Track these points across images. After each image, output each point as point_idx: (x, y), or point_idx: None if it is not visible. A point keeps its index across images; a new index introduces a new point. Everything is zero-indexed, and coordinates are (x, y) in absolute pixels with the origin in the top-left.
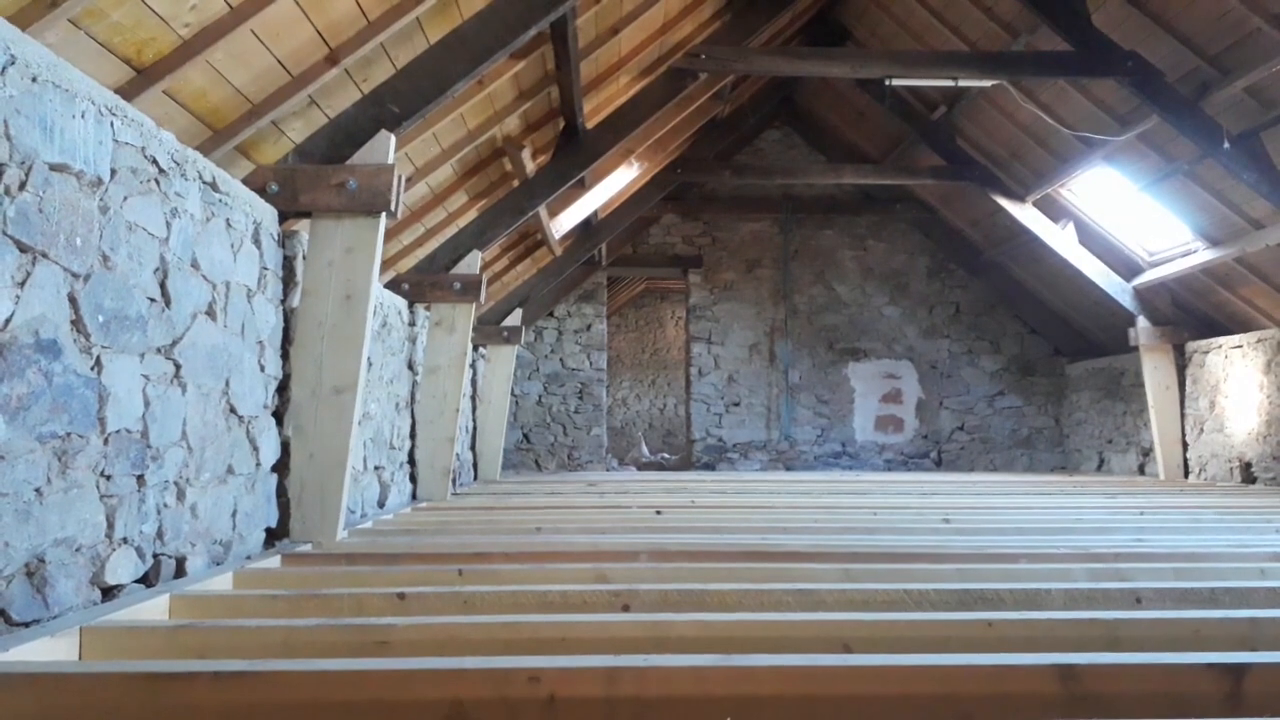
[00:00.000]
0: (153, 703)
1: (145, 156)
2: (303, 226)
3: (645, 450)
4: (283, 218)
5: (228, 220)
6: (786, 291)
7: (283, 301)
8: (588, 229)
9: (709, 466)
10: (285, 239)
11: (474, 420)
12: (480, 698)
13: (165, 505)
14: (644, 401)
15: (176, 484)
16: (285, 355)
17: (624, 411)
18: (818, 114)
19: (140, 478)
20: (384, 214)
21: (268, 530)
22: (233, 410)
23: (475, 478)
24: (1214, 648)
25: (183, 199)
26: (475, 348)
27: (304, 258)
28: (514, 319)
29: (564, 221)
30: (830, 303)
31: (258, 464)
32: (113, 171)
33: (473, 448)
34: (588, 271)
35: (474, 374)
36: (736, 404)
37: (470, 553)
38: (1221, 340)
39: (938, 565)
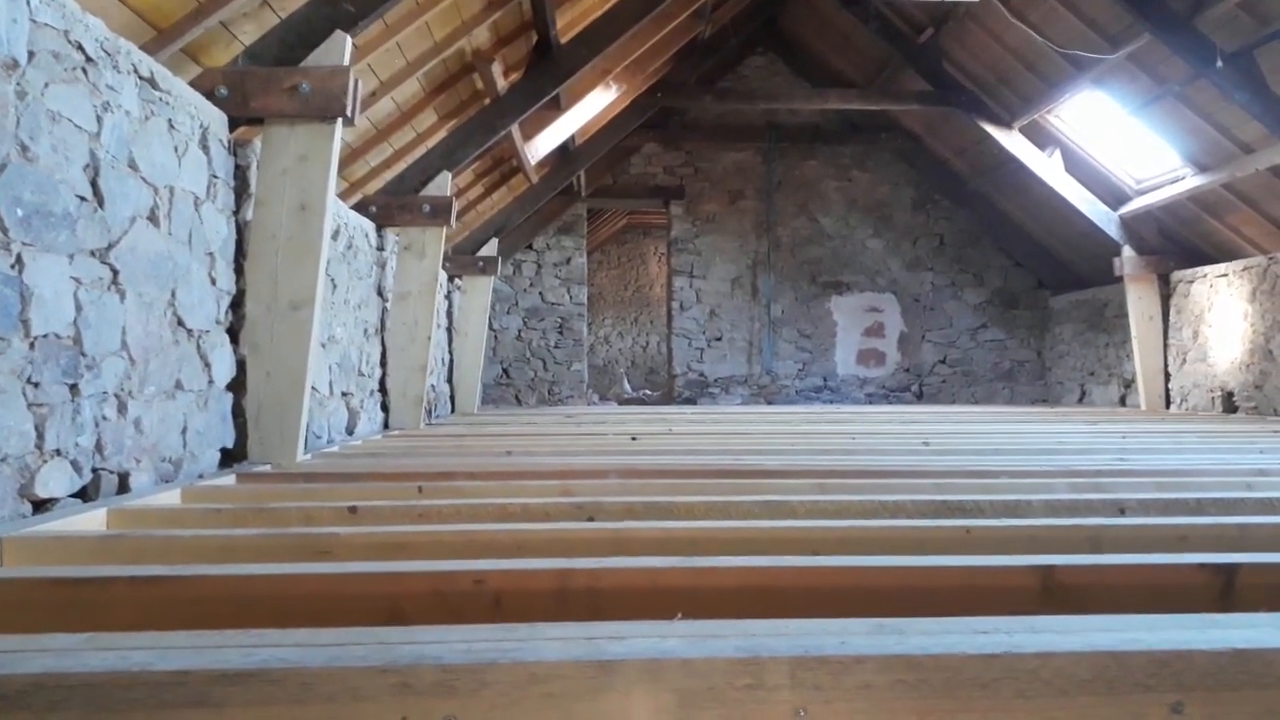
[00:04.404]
0: (68, 606)
1: (69, 41)
2: (259, 138)
3: (627, 387)
4: (233, 124)
5: (170, 121)
6: (769, 223)
7: (235, 213)
8: (565, 155)
9: (690, 401)
10: (237, 148)
11: (450, 353)
12: (422, 599)
13: (104, 418)
14: (626, 339)
15: (117, 396)
16: (239, 270)
17: (606, 349)
18: (803, 40)
19: (74, 387)
20: (340, 120)
21: (224, 451)
22: (180, 323)
23: (453, 410)
24: (1202, 550)
25: (115, 93)
26: (451, 278)
27: (258, 167)
28: (490, 249)
29: (540, 145)
30: (813, 235)
31: (210, 381)
32: (30, 54)
33: (450, 380)
34: (567, 203)
35: (450, 305)
36: (718, 338)
37: (434, 472)
38: (1207, 269)
39: (916, 480)
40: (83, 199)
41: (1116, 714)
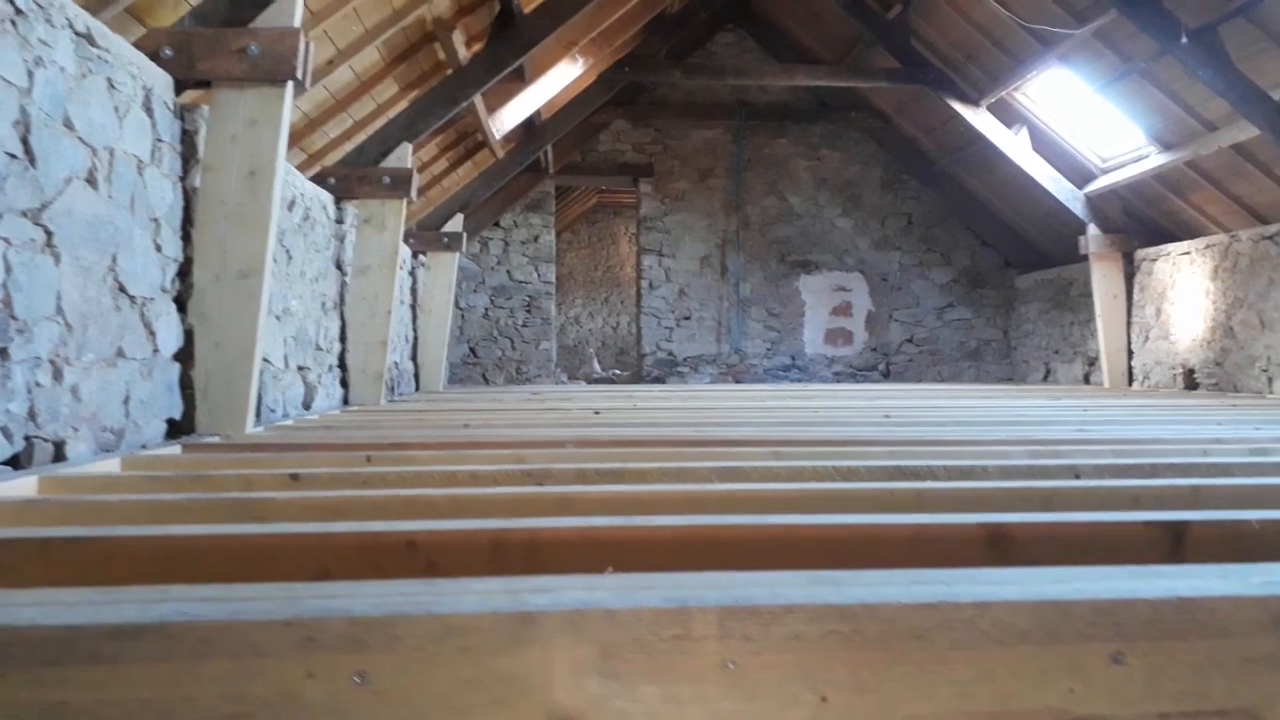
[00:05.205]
0: None
1: None
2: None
3: (597, 367)
4: (180, 87)
5: (110, 80)
6: (739, 202)
7: (182, 179)
8: (531, 129)
9: (659, 380)
10: (185, 112)
11: (415, 330)
12: (350, 559)
13: (38, 384)
14: (596, 319)
15: (52, 362)
16: (187, 238)
17: (576, 330)
18: (772, 16)
19: (3, 351)
20: (290, 83)
21: (171, 422)
22: (122, 289)
23: (417, 388)
24: (1155, 510)
25: (49, 48)
26: (415, 255)
27: (206, 132)
28: (455, 225)
29: (505, 119)
30: (783, 214)
31: (155, 350)
32: None
33: (414, 358)
34: (534, 180)
35: (414, 282)
36: (687, 317)
37: (386, 443)
38: (1170, 248)
39: (872, 448)
40: (13, 157)
41: (1054, 664)
